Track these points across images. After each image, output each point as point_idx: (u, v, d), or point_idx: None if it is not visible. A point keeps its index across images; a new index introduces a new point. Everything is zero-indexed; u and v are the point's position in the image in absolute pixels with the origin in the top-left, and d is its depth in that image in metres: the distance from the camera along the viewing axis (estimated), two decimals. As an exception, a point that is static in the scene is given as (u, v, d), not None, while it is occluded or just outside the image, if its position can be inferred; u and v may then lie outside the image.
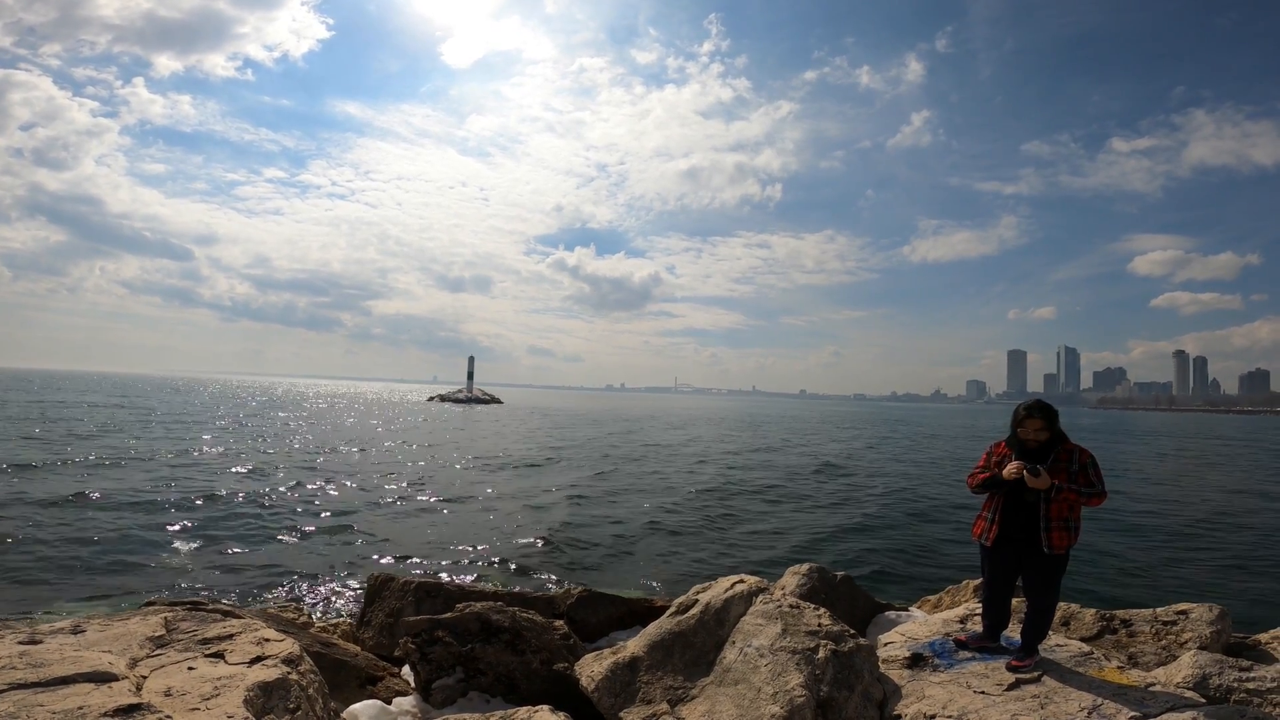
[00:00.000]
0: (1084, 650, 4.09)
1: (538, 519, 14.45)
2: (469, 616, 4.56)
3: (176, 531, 11.80)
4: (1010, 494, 3.92)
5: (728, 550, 12.22)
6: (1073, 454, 3.83)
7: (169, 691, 3.11)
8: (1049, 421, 3.86)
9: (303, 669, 3.57)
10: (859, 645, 4.00)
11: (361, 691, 4.37)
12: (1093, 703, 3.38)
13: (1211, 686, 3.52)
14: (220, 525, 12.47)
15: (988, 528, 4.05)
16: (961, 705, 3.50)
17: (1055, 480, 3.72)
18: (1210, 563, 11.78)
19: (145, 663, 3.38)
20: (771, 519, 15.46)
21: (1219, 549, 12.86)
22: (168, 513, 13.27)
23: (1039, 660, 3.88)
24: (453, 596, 5.47)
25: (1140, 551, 12.58)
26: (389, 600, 5.65)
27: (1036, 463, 3.78)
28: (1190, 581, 10.47)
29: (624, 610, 5.82)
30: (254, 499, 15.17)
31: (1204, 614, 4.56)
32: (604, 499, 17.59)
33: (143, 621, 3.78)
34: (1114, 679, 3.68)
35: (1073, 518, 3.82)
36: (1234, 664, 3.65)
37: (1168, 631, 4.57)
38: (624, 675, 4.02)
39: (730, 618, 4.29)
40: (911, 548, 12.77)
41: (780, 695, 3.53)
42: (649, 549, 12.12)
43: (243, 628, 3.80)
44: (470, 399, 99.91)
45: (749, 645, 3.96)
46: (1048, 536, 3.79)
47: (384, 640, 5.35)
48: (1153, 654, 4.39)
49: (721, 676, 3.90)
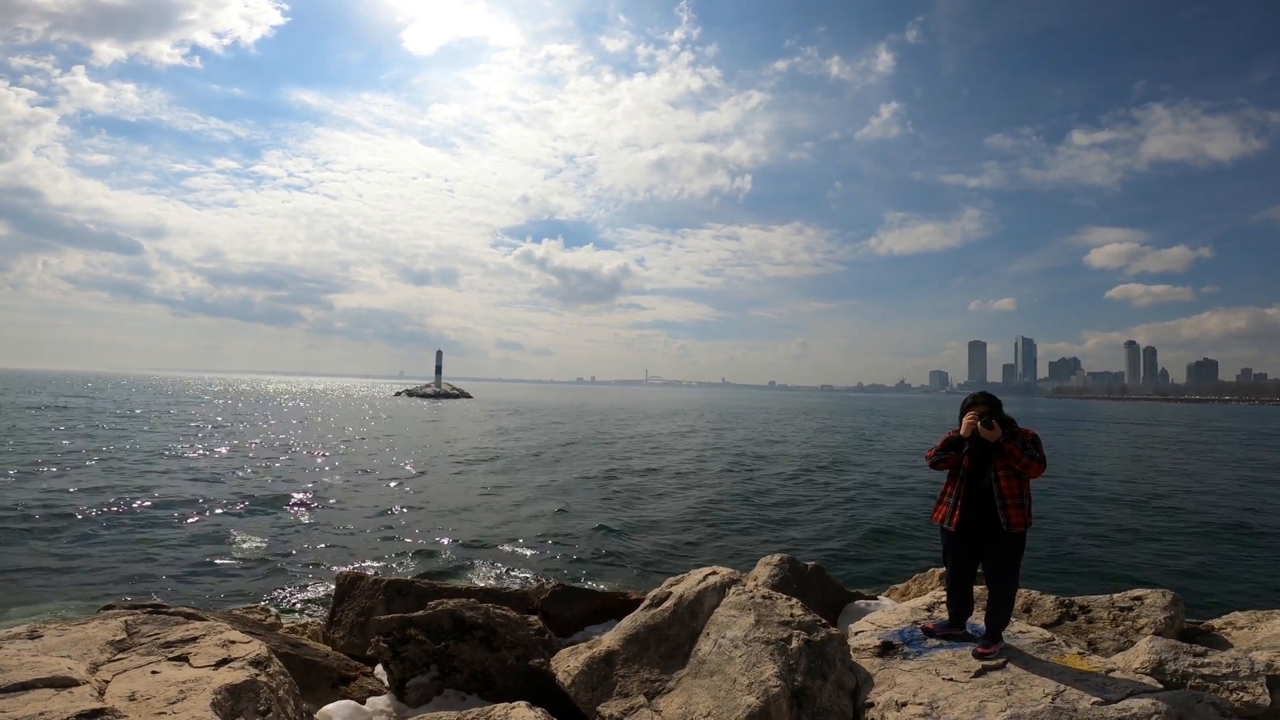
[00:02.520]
0: (1045, 637, 4.22)
1: (510, 514, 14.38)
2: (442, 614, 4.51)
3: (134, 533, 11.46)
4: (969, 479, 4.11)
5: (701, 541, 12.31)
6: (1018, 435, 4.10)
7: (133, 696, 3.04)
8: (991, 405, 4.16)
9: (271, 670, 3.51)
10: (831, 635, 4.07)
11: (334, 692, 4.31)
12: (1056, 689, 3.48)
13: (1168, 672, 3.66)
14: (180, 526, 12.15)
15: (950, 512, 4.16)
16: (931, 693, 3.59)
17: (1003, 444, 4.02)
18: (1161, 549, 12.23)
19: (107, 667, 3.29)
20: (744, 509, 15.61)
21: (1169, 535, 13.36)
22: (124, 514, 12.88)
23: (1003, 647, 3.99)
24: (424, 594, 5.41)
25: (1093, 538, 13.01)
26: (359, 599, 5.57)
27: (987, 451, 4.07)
28: (1141, 567, 10.86)
29: (599, 604, 5.83)
30: (213, 499, 14.80)
31: (1158, 600, 4.74)
32: (576, 493, 17.57)
33: (102, 625, 3.68)
34: (1075, 665, 3.80)
35: (1024, 495, 4.01)
36: (1188, 649, 3.80)
37: (1124, 617, 4.74)
38: (600, 669, 4.03)
39: (704, 609, 4.32)
40: (881, 536, 13.02)
41: (755, 686, 3.57)
42: (622, 542, 12.15)
43: (207, 630, 3.72)
44: (439, 393, 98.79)
45: (723, 637, 4.00)
46: (1005, 514, 3.95)
47: (355, 640, 5.27)
48: (1111, 640, 4.56)
49: (697, 668, 3.93)
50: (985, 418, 4.03)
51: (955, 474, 4.20)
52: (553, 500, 16.28)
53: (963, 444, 4.14)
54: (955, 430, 4.23)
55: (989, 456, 4.07)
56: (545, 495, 17.01)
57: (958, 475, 4.17)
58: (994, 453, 4.05)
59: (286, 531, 12.17)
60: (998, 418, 4.06)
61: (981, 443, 4.07)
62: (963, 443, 4.14)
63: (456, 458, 24.96)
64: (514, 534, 12.42)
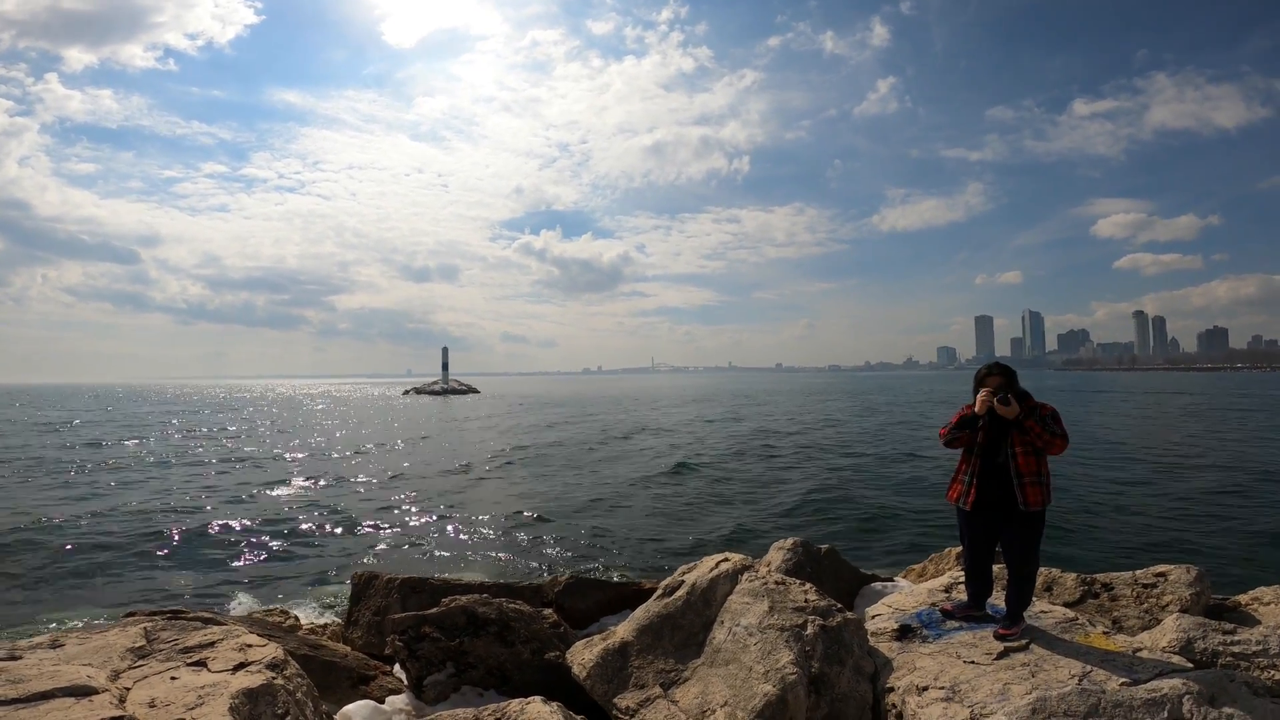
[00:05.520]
0: (1068, 616, 4.14)
1: (521, 508, 14.41)
2: (455, 610, 4.50)
3: (153, 541, 11.56)
4: (984, 456, 3.99)
5: (712, 528, 12.30)
6: (1035, 408, 3.95)
7: (153, 703, 3.05)
8: (1007, 377, 4.04)
9: (289, 673, 3.51)
10: (847, 620, 4.01)
11: (354, 692, 4.32)
12: (1082, 670, 3.40)
13: (1197, 650, 3.56)
14: (198, 532, 12.24)
15: (965, 490, 4.06)
16: (953, 676, 3.53)
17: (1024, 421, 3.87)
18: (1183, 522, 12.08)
19: (127, 674, 3.30)
20: (754, 494, 15.59)
21: (1190, 508, 13.20)
22: (143, 522, 13.00)
23: (1025, 628, 3.91)
24: (438, 591, 5.40)
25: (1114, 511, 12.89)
26: (374, 598, 5.57)
27: (1004, 427, 3.93)
28: (1164, 542, 10.72)
29: (613, 595, 5.80)
30: (230, 504, 14.93)
31: (1183, 576, 4.62)
32: (587, 484, 17.60)
33: (122, 633, 3.69)
34: (1100, 645, 3.72)
35: (1043, 472, 3.89)
36: (1217, 627, 3.70)
37: (1148, 594, 4.62)
38: (615, 661, 4.01)
39: (717, 597, 4.27)
40: (895, 516, 12.95)
41: (772, 674, 3.53)
42: (634, 531, 12.16)
43: (224, 634, 3.72)
44: (446, 390, 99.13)
45: (737, 624, 3.95)
46: (1022, 492, 3.84)
47: (373, 639, 5.28)
48: (1136, 618, 4.46)
49: (712, 657, 3.90)
50: (1002, 394, 3.88)
51: (970, 451, 4.08)
52: (563, 492, 16.32)
53: (978, 421, 4.01)
54: (970, 406, 4.07)
55: (1005, 433, 3.93)
56: (556, 487, 17.04)
57: (973, 452, 4.06)
58: (1011, 429, 3.91)
59: (304, 533, 12.26)
60: (1014, 392, 3.92)
61: (997, 418, 3.94)
62: (978, 420, 4.01)
63: (465, 453, 25.04)
64: (527, 528, 12.45)
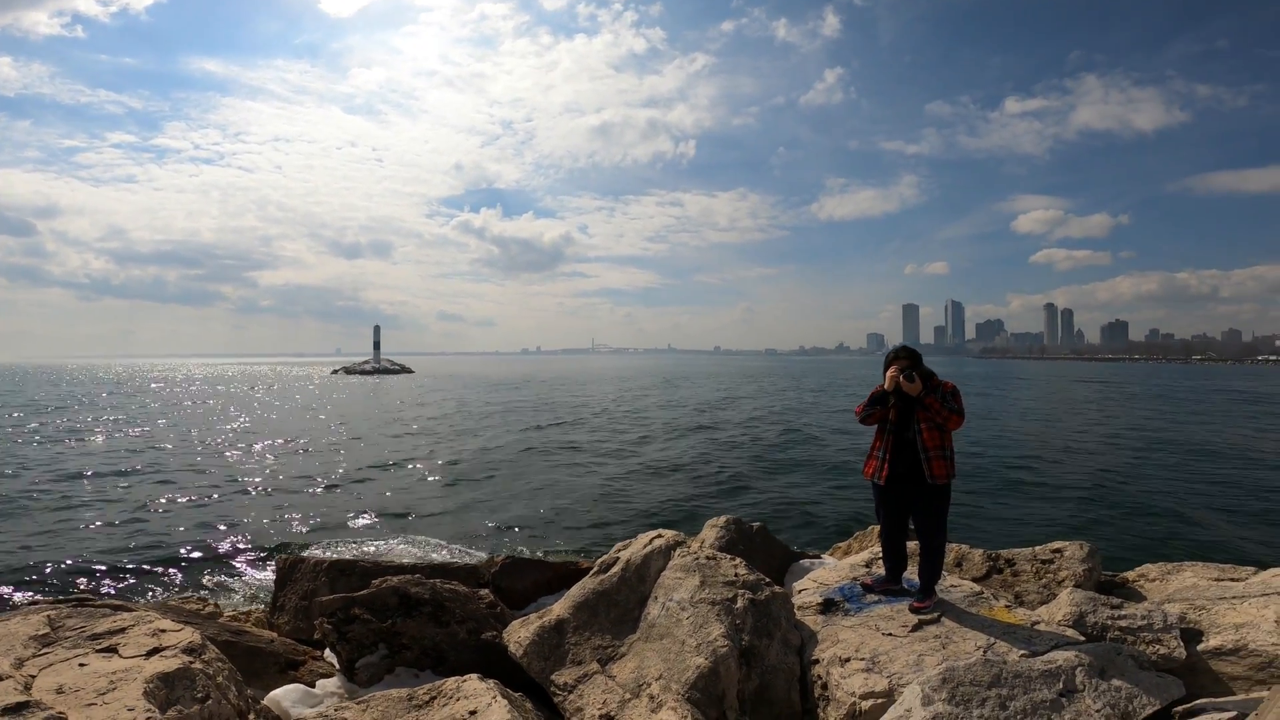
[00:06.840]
0: (975, 590, 4.42)
1: (454, 489, 14.23)
2: (386, 591, 4.44)
3: (57, 526, 10.86)
4: (896, 432, 4.23)
5: (650, 508, 12.46)
6: (937, 386, 4.25)
7: (61, 689, 2.91)
8: (912, 359, 4.33)
9: (207, 657, 3.40)
10: (775, 593, 4.17)
11: (282, 677, 4.21)
12: (987, 642, 3.67)
13: (1088, 624, 3.85)
14: (107, 517, 11.56)
15: (880, 466, 4.27)
16: (872, 648, 3.73)
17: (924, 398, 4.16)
18: (1078, 502, 13.01)
19: (32, 663, 3.13)
20: (694, 473, 15.84)
21: (1084, 488, 14.22)
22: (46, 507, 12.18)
23: (937, 601, 4.16)
24: (368, 573, 5.28)
25: (1019, 491, 13.75)
26: (301, 582, 5.41)
27: (911, 405, 4.21)
28: (1062, 519, 11.52)
29: (550, 574, 5.81)
30: (140, 488, 14.13)
31: (1076, 552, 5.00)
32: (522, 464, 17.50)
33: (24, 621, 3.48)
34: (1003, 618, 4.00)
35: (946, 446, 4.15)
36: (1106, 602, 4.01)
37: (1046, 570, 4.98)
38: (552, 638, 4.04)
39: (651, 573, 4.37)
40: (831, 494, 13.40)
41: (704, 646, 3.65)
42: (572, 511, 12.20)
43: (135, 621, 3.57)
44: (378, 369, 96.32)
45: (670, 599, 4.05)
46: (928, 466, 4.08)
47: (301, 624, 5.13)
48: (1035, 592, 4.81)
49: (647, 632, 3.98)
50: (907, 371, 4.15)
51: (883, 428, 4.31)
52: (498, 471, 16.18)
53: (888, 398, 4.26)
54: (881, 385, 4.33)
55: (913, 410, 4.18)
56: (491, 467, 16.88)
57: (885, 429, 4.29)
58: (916, 406, 4.17)
59: (222, 519, 11.73)
60: (919, 371, 4.18)
61: (906, 396, 4.19)
62: (887, 397, 4.26)
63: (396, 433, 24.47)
64: (463, 508, 12.31)
